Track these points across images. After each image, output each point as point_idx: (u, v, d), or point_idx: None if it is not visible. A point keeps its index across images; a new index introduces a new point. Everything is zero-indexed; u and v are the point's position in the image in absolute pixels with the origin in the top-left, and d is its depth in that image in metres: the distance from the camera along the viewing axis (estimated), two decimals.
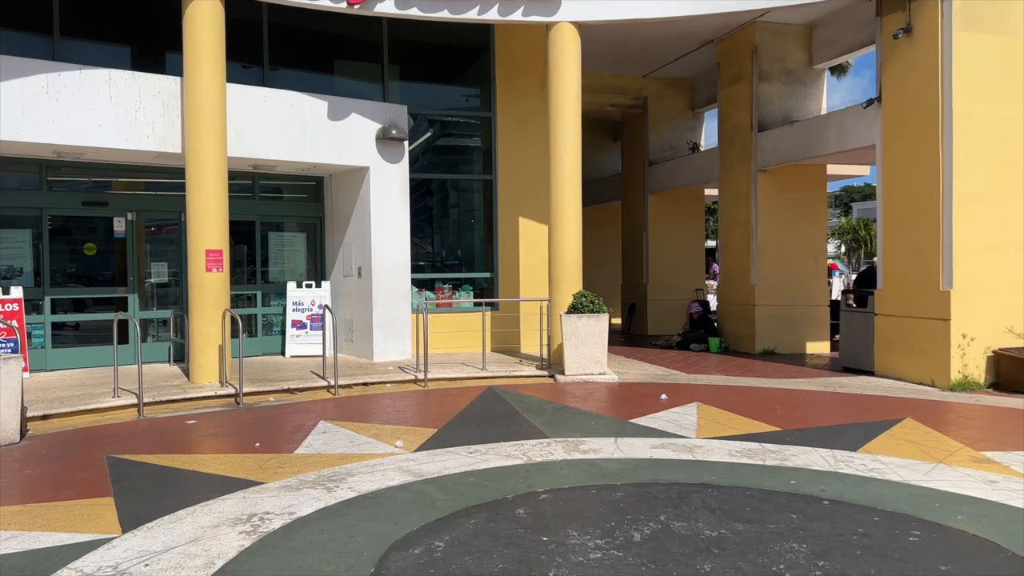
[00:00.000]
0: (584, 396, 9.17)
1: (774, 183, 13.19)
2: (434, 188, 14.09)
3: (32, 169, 10.48)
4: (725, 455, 6.13)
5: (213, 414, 8.34)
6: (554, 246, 11.06)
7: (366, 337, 11.79)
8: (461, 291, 13.07)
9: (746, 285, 13.37)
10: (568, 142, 10.91)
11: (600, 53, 12.94)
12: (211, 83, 9.55)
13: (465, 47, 13.02)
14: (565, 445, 6.52)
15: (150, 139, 9.80)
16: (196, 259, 9.61)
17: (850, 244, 33.93)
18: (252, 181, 12.16)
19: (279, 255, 12.74)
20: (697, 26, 12.69)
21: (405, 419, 8.03)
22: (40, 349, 10.41)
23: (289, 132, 10.81)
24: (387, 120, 11.55)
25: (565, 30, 10.77)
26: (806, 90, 13.41)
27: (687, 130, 17.05)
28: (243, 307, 12.03)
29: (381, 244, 11.60)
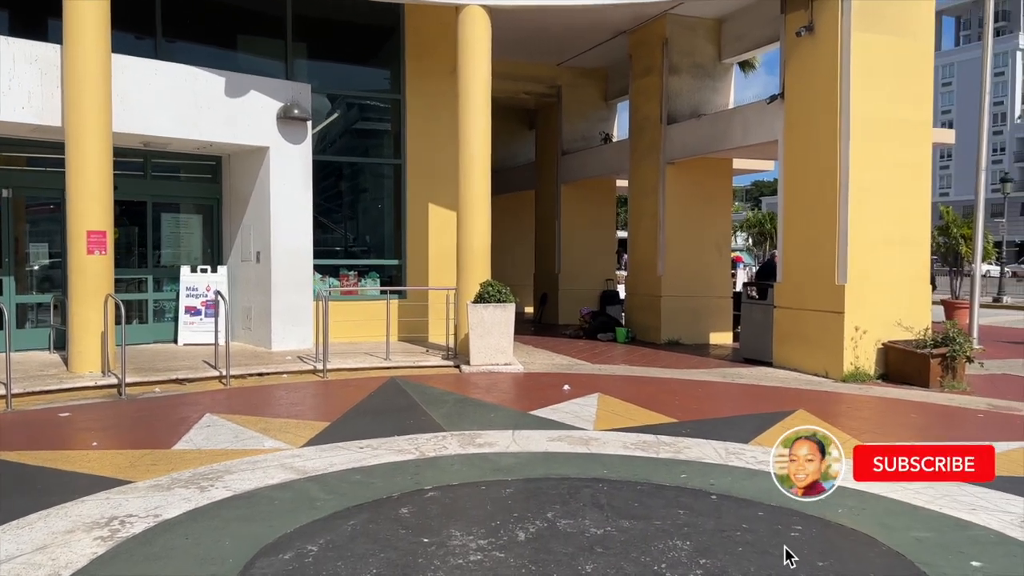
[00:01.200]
0: (487, 387, 9.03)
1: (682, 175, 13.33)
2: (344, 171, 13.66)
3: None
4: (620, 448, 6.09)
5: (91, 406, 7.82)
6: (463, 233, 10.86)
7: (264, 325, 11.34)
8: (368, 278, 12.71)
9: (653, 276, 13.50)
10: (477, 128, 10.70)
11: (514, 40, 12.76)
12: (94, 52, 8.92)
13: (374, 26, 12.61)
14: (461, 439, 6.36)
15: (26, 111, 9.10)
16: (76, 240, 9.00)
17: (756, 237, 34.98)
18: (144, 159, 11.49)
19: (173, 238, 12.11)
20: (610, 16, 12.67)
21: (298, 412, 7.71)
22: None
23: (182, 108, 10.23)
24: (289, 99, 11.08)
25: (475, 13, 10.54)
26: (715, 84, 13.58)
27: (600, 120, 17.09)
28: (133, 292, 11.39)
29: (281, 228, 11.15)
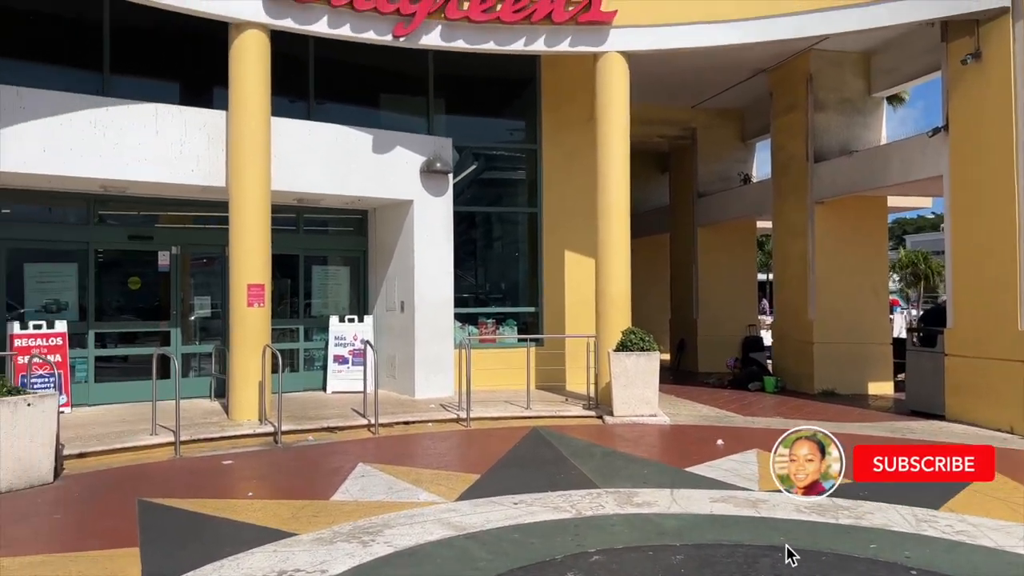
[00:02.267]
0: (635, 440, 8.71)
1: (832, 215, 12.65)
2: (479, 221, 13.87)
3: (80, 203, 10.51)
4: (793, 511, 5.64)
5: (250, 454, 8.11)
6: (601, 280, 10.69)
7: (408, 373, 11.51)
8: (505, 326, 12.74)
9: (803, 321, 12.79)
10: (616, 174, 10.58)
11: (648, 84, 12.63)
12: (256, 117, 9.49)
13: (511, 79, 12.84)
14: (617, 496, 6.09)
15: (195, 173, 9.75)
16: (238, 294, 9.48)
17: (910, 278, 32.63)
18: (296, 215, 12.07)
19: (322, 289, 12.60)
20: (748, 55, 12.32)
21: (446, 463, 7.68)
22: (83, 383, 10.35)
23: (333, 165, 10.70)
24: (431, 153, 11.39)
25: (613, 60, 10.51)
26: (864, 119, 12.90)
27: (738, 161, 16.61)
28: (286, 341, 11.87)
29: (424, 278, 11.37)
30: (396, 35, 9.87)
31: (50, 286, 10.37)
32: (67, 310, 10.37)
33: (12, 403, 6.44)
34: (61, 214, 10.74)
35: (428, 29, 10.03)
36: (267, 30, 9.47)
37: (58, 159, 8.93)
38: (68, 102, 9.02)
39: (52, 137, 8.88)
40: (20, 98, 8.73)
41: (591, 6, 10.15)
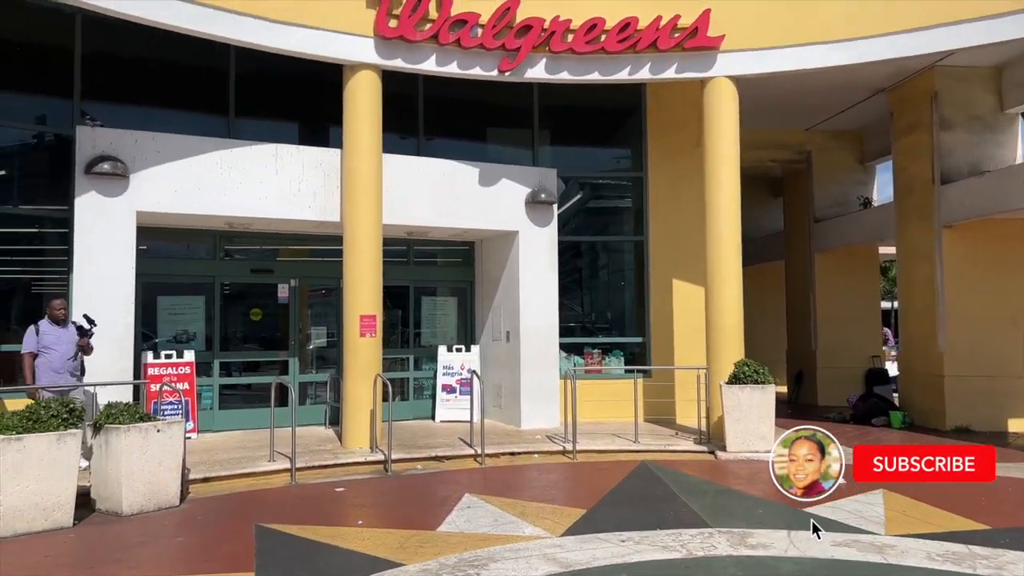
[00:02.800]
0: (749, 477, 8.35)
1: (962, 239, 11.85)
2: (584, 250, 13.82)
3: (207, 240, 11.17)
4: (924, 559, 5.24)
5: (361, 481, 8.29)
6: (712, 310, 10.40)
7: (514, 403, 11.53)
8: (611, 356, 12.57)
9: (932, 352, 11.99)
10: (726, 201, 10.33)
11: (758, 107, 12.30)
12: (368, 154, 9.85)
13: (615, 107, 12.80)
14: (730, 537, 5.84)
15: (311, 209, 10.19)
16: (351, 324, 9.78)
17: None
18: (406, 247, 12.40)
19: (431, 319, 12.84)
20: (865, 74, 11.79)
21: (552, 496, 7.59)
22: (208, 410, 10.90)
23: (441, 199, 10.94)
24: (536, 184, 11.47)
25: (721, 85, 10.31)
26: (997, 137, 12.06)
27: (856, 184, 15.87)
28: (396, 371, 12.14)
29: (529, 308, 11.40)
30: (502, 70, 10.05)
31: (180, 317, 11.04)
32: (195, 340, 10.99)
33: (143, 429, 6.85)
34: (191, 250, 11.44)
35: (533, 63, 10.16)
36: (378, 70, 9.84)
37: (188, 199, 9.54)
38: (198, 145, 9.65)
39: (183, 178, 9.51)
40: (156, 143, 9.42)
41: (697, 32, 10.02)
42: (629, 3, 10.33)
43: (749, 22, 10.16)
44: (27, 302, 9.77)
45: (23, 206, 9.89)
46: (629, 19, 9.99)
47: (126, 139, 9.28)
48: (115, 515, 6.68)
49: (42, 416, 6.29)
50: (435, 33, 9.73)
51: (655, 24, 10.00)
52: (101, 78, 10.02)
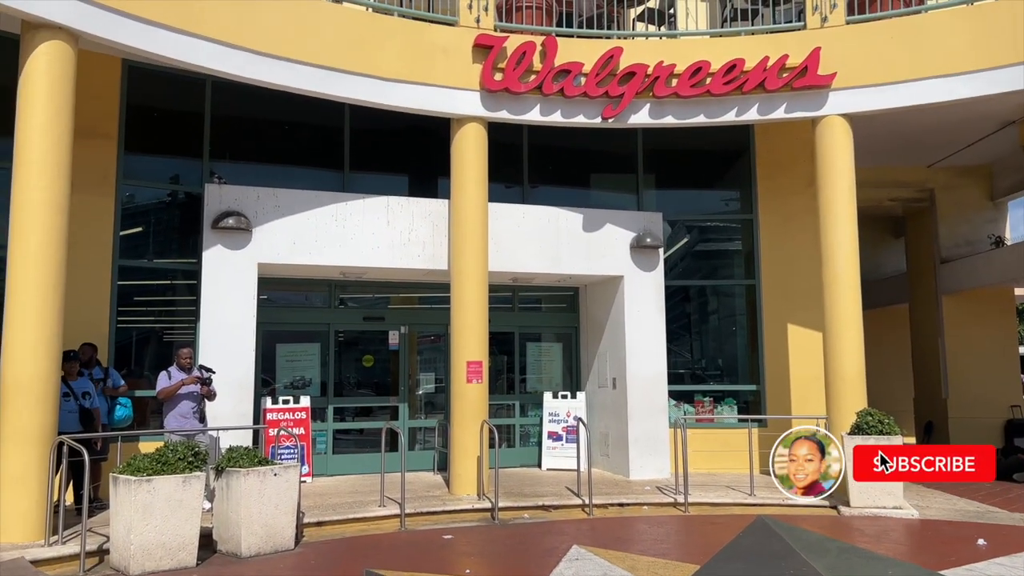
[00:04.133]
0: (876, 535, 7.82)
1: None
2: (692, 294, 13.52)
3: (322, 288, 11.64)
4: None
5: (469, 529, 8.28)
6: (831, 356, 9.92)
7: (622, 452, 11.29)
8: (723, 404, 12.15)
9: None
10: (843, 242, 9.92)
11: (875, 144, 11.82)
12: (474, 204, 10.05)
13: (722, 150, 12.61)
14: None
15: (420, 258, 10.46)
16: (458, 370, 9.90)
17: None
18: (512, 293, 12.51)
19: (536, 365, 12.83)
20: (993, 107, 11.11)
21: (663, 550, 7.33)
22: (322, 455, 11.22)
23: (546, 245, 11.01)
24: (641, 229, 11.37)
25: (835, 124, 9.99)
26: None
27: (987, 222, 14.92)
28: (502, 417, 12.16)
29: (636, 354, 11.21)
30: (605, 117, 10.10)
31: (297, 364, 11.47)
32: (310, 386, 11.39)
33: (261, 473, 7.10)
34: (307, 299, 11.94)
35: (636, 108, 10.16)
36: (484, 122, 10.08)
37: (305, 250, 9.99)
38: (314, 199, 10.13)
39: (301, 231, 9.98)
40: (276, 198, 9.95)
41: (807, 71, 9.77)
42: (735, 45, 10.25)
43: (861, 58, 9.84)
44: (159, 350, 10.42)
45: (157, 259, 10.62)
46: (735, 61, 9.86)
47: (249, 195, 9.85)
48: (235, 556, 6.92)
49: (169, 459, 6.63)
50: (539, 84, 9.90)
51: (762, 65, 9.83)
52: (228, 138, 10.72)
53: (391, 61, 9.63)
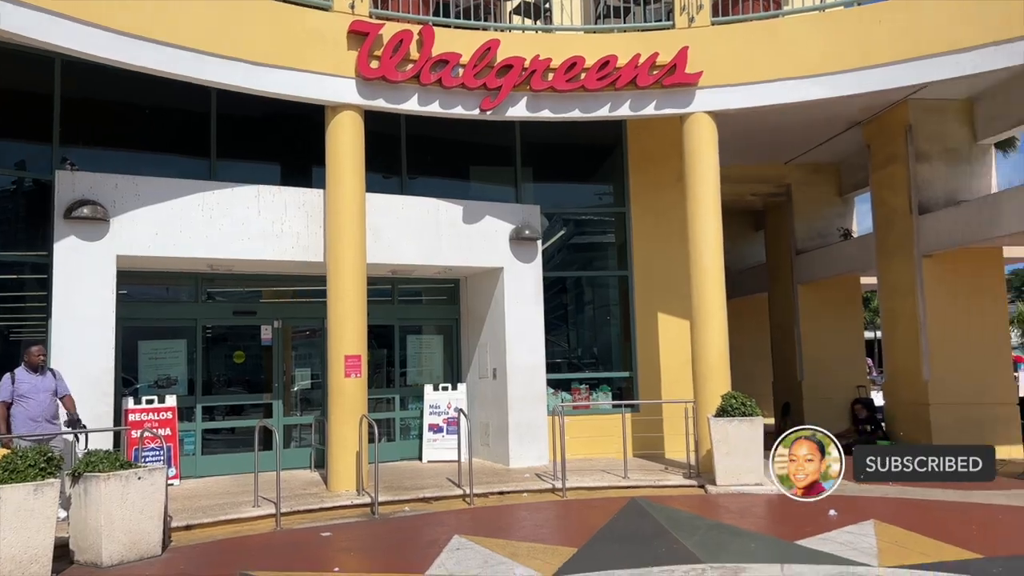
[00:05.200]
0: (740, 511, 8.28)
1: (942, 269, 11.99)
2: (569, 286, 13.84)
3: (188, 282, 11.09)
4: None
5: (348, 526, 8.13)
6: (698, 343, 10.40)
7: (502, 441, 11.42)
8: (599, 391, 12.51)
9: (917, 382, 12.04)
10: (708, 235, 10.40)
11: (738, 142, 12.46)
12: (351, 194, 9.85)
13: (597, 144, 12.92)
14: (723, 573, 5.76)
15: (294, 249, 10.15)
16: (335, 365, 9.69)
17: None
18: (391, 286, 12.36)
19: (417, 358, 12.75)
20: (841, 108, 11.99)
21: (543, 535, 7.48)
22: (191, 456, 10.71)
23: (425, 237, 10.95)
24: (520, 221, 11.51)
25: (701, 121, 10.44)
26: (972, 168, 12.29)
27: (836, 216, 16.07)
28: (382, 411, 12.01)
29: (516, 345, 11.35)
30: (483, 109, 10.13)
31: (161, 361, 10.89)
32: (176, 384, 10.84)
33: (124, 477, 6.69)
34: (172, 293, 11.34)
35: (514, 101, 10.26)
36: (361, 110, 9.90)
37: (169, 241, 9.48)
38: (178, 188, 9.62)
39: (164, 221, 9.46)
40: (136, 186, 9.38)
41: (676, 69, 10.16)
42: (609, 42, 10.53)
43: (726, 58, 10.32)
44: (5, 349, 9.61)
45: (1, 252, 9.77)
46: (608, 57, 10.13)
47: (106, 183, 9.23)
48: (94, 566, 6.50)
49: (19, 466, 6.13)
50: (416, 73, 9.81)
51: (634, 62, 10.14)
52: (81, 122, 9.99)
53: (263, 45, 9.28)
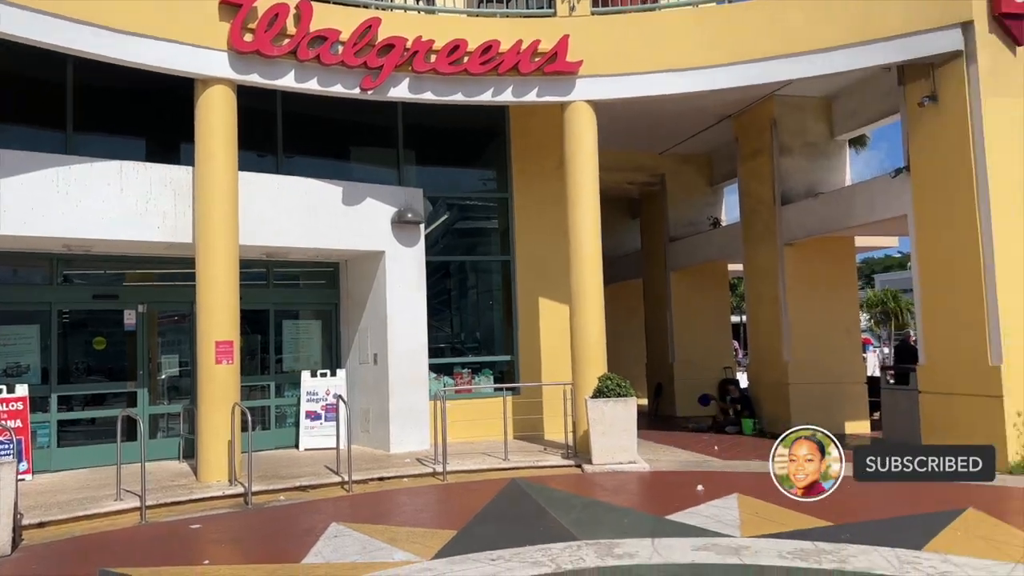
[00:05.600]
0: (614, 489, 8.57)
1: (801, 257, 12.78)
2: (453, 270, 13.83)
3: (42, 264, 10.32)
4: (776, 557, 5.54)
5: (219, 517, 7.84)
6: (576, 327, 10.64)
7: (383, 427, 11.30)
8: (481, 376, 12.59)
9: (778, 363, 12.81)
10: (587, 221, 10.64)
11: (616, 131, 12.78)
12: (223, 172, 9.43)
13: (481, 128, 12.93)
14: (597, 548, 5.94)
15: (161, 230, 9.62)
16: (206, 351, 9.29)
17: (880, 316, 33.19)
18: (266, 269, 11.94)
19: (294, 343, 12.40)
20: (713, 102, 12.54)
21: (423, 519, 7.48)
22: (45, 449, 10.01)
23: (303, 219, 10.63)
24: (402, 204, 11.37)
25: (581, 109, 10.63)
26: (829, 162, 13.14)
27: (707, 206, 16.80)
28: (256, 399, 11.62)
29: (398, 329, 11.25)
30: (364, 88, 9.92)
31: (11, 349, 10.10)
32: (28, 373, 10.08)
33: None
34: (23, 275, 10.52)
35: (396, 82, 10.10)
36: (233, 85, 9.47)
37: (18, 219, 8.76)
38: (28, 162, 8.89)
39: (12, 197, 8.73)
40: None
41: (557, 57, 10.29)
42: (492, 26, 10.54)
43: (606, 49, 10.54)
44: None
45: None
46: (491, 42, 10.13)
47: None
48: None
49: None
50: (293, 49, 9.48)
51: (516, 48, 10.19)
52: None
53: (127, 12, 8.71)
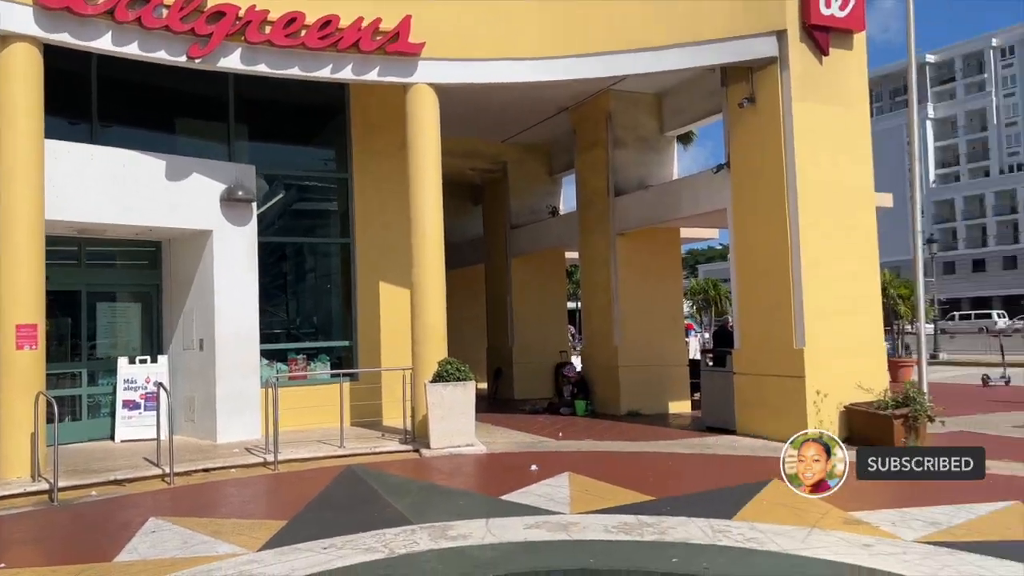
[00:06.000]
0: (451, 472, 8.63)
1: (632, 246, 13.39)
2: (290, 253, 13.31)
3: None
4: (602, 532, 5.79)
5: (21, 516, 7.16)
6: (417, 311, 10.58)
7: (209, 416, 10.73)
8: (317, 361, 12.25)
9: (609, 347, 13.39)
10: (429, 205, 10.59)
11: (459, 117, 12.78)
12: (26, 139, 8.55)
13: (320, 106, 12.52)
14: (431, 531, 5.95)
15: None
16: (5, 335, 8.42)
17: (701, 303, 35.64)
18: (78, 247, 10.97)
19: (109, 328, 11.49)
20: (552, 93, 12.84)
21: (251, 511, 7.19)
22: None
23: (120, 194, 9.85)
24: (232, 181, 10.79)
25: (423, 92, 10.54)
26: (659, 157, 13.83)
27: (546, 195, 17.23)
28: (66, 387, 10.68)
29: (226, 313, 10.69)
30: (191, 56, 9.31)
31: None
32: None
33: None
34: None
35: (227, 51, 9.55)
36: (39, 44, 8.61)
37: None
38: None
39: None
40: None
41: (399, 37, 10.13)
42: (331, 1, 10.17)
43: (450, 32, 10.50)
44: None
45: None
46: (330, 16, 9.81)
47: None
48: None
49: None
50: (111, 8, 8.73)
51: (357, 25, 9.93)
52: None
53: None
